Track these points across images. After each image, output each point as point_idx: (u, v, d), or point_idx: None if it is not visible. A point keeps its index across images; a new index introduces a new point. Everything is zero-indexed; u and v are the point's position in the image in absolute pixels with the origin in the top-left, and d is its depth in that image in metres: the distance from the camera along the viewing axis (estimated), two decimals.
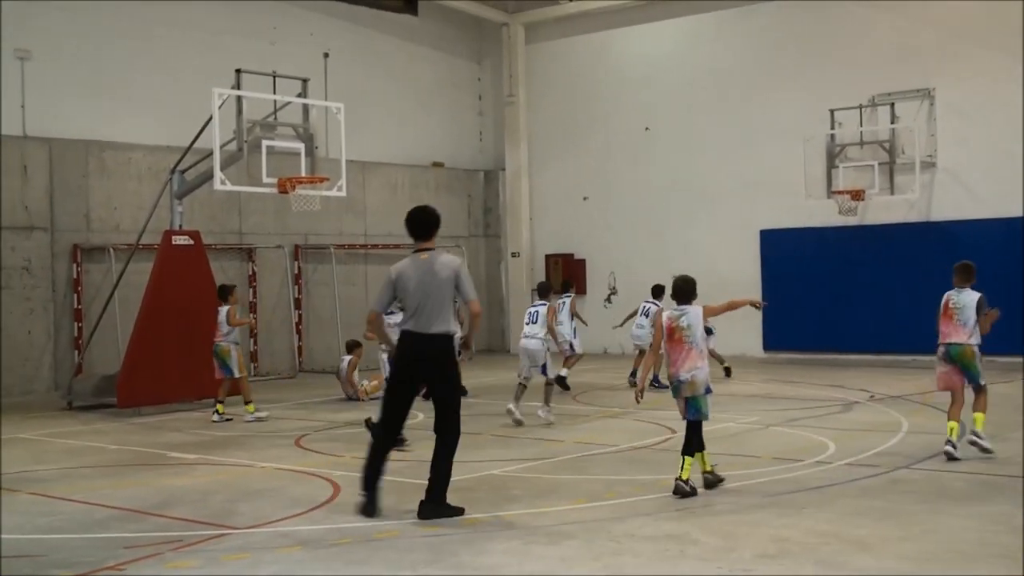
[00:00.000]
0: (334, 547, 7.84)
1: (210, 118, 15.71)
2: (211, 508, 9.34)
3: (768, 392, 17.15)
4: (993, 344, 20.32)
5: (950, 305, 11.32)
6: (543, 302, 14.89)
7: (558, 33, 26.74)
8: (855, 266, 22.07)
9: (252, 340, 21.85)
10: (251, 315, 16.40)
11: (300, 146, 16.60)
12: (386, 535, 8.14)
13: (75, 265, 19.45)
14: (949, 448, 10.62)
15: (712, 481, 9.38)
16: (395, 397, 8.87)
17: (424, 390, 9.14)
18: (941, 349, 11.15)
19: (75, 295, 19.38)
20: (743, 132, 23.64)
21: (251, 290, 21.99)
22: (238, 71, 16.14)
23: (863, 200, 21.18)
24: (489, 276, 27.44)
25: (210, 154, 15.85)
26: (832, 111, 21.86)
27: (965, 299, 11.31)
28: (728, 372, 18.91)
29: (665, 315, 9.54)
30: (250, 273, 22.08)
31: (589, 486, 9.86)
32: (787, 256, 22.82)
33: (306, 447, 12.73)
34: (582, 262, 26.16)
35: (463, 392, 15.77)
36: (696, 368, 9.24)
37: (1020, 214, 20.41)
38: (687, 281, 9.59)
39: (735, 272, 22.97)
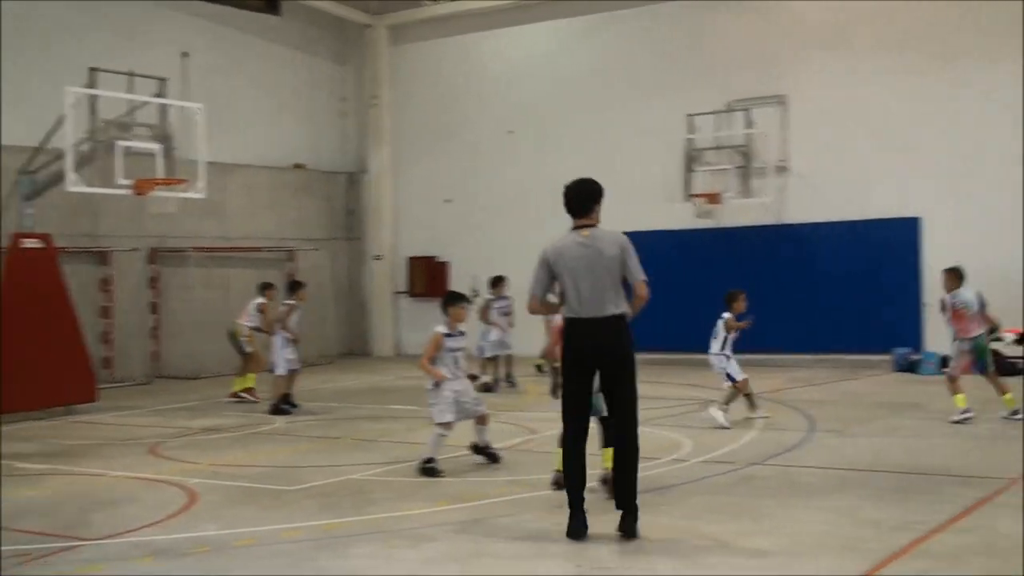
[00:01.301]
0: (191, 556, 7.69)
1: (63, 117, 15.27)
2: (62, 519, 9.04)
3: None
4: (843, 342, 21.22)
5: (958, 305, 13.17)
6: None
7: (423, 35, 26.72)
8: (712, 267, 22.56)
9: (106, 345, 21.29)
10: None
11: (157, 147, 16.27)
12: (245, 543, 8.01)
13: None
14: (968, 415, 12.86)
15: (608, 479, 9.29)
16: (575, 397, 7.85)
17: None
18: (968, 343, 13.28)
19: None
20: (605, 136, 23.98)
21: (106, 294, 21.42)
22: (92, 69, 15.73)
23: (720, 203, 21.68)
24: (351, 279, 27.25)
25: (63, 155, 15.40)
26: (690, 116, 22.34)
27: (968, 297, 13.27)
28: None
29: (557, 317, 9.26)
30: (105, 277, 21.49)
31: (451, 488, 9.86)
32: (647, 258, 22.92)
33: (162, 455, 12.44)
34: (445, 264, 26.18)
35: (287, 410, 15.49)
36: None
37: (865, 217, 21.18)
38: None
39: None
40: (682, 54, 23.28)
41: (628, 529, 7.60)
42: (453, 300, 10.77)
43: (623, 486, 7.75)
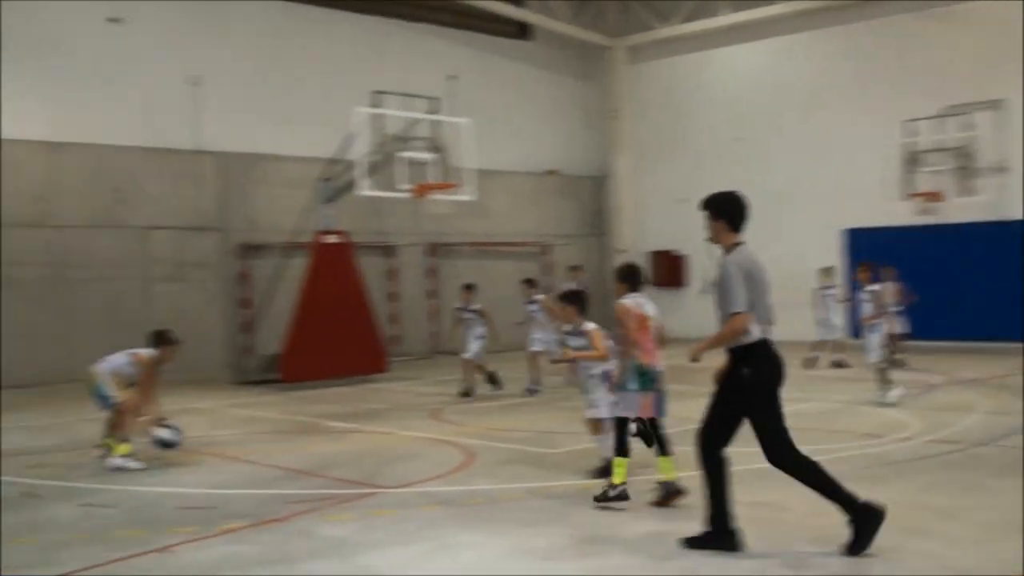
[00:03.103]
0: (468, 506, 7.90)
1: (354, 133, 15.95)
2: (362, 470, 9.48)
3: (855, 375, 16.72)
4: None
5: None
6: None
7: (657, 54, 26.49)
8: (933, 261, 21.39)
9: (393, 325, 22.17)
10: None
11: (432, 157, 16.74)
12: (514, 497, 8.16)
13: (242, 261, 19.95)
14: None
15: (674, 492, 7.57)
16: (782, 419, 6.44)
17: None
18: None
19: (242, 286, 19.89)
20: (827, 140, 23.17)
21: (391, 283, 22.29)
22: (377, 92, 16.34)
23: (941, 201, 20.58)
24: (599, 270, 27.33)
25: (354, 164, 16.10)
26: (909, 120, 21.25)
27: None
28: None
29: (631, 302, 8.03)
30: (390, 268, 22.37)
31: (692, 457, 9.72)
32: (868, 252, 22.13)
33: (442, 419, 12.85)
34: (683, 258, 25.94)
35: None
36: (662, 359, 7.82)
37: None
38: (641, 268, 8.47)
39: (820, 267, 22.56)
40: (897, 63, 22.14)
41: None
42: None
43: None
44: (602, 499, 7.59)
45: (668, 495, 7.61)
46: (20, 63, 17.75)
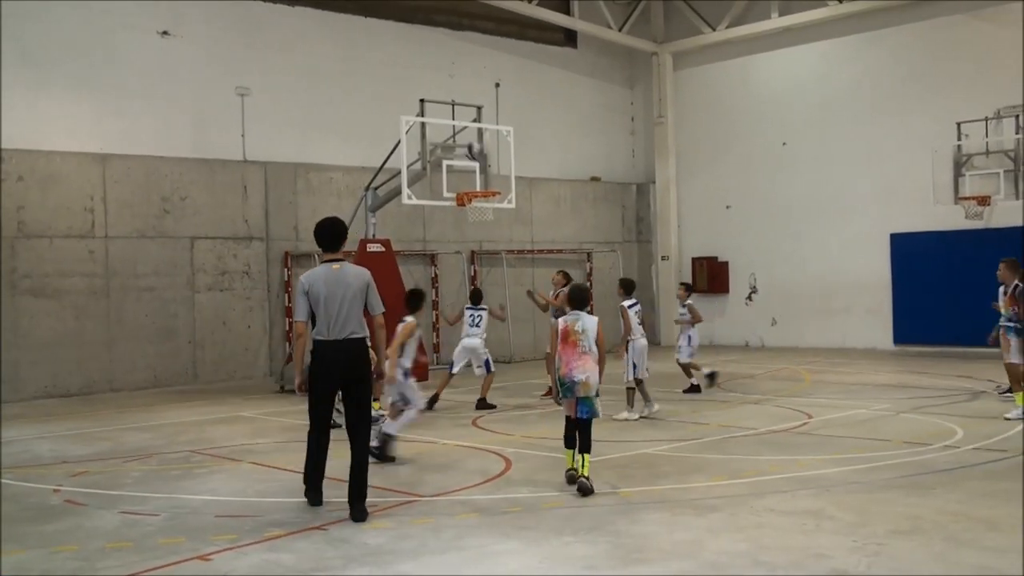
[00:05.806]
0: (506, 514, 7.90)
1: (399, 142, 16.04)
2: (401, 478, 9.52)
3: (899, 382, 16.53)
4: None
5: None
6: None
7: (702, 60, 26.36)
8: (980, 266, 21.00)
9: (435, 333, 22.24)
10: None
11: (475, 165, 16.75)
12: (552, 505, 8.16)
13: (286, 269, 20.12)
14: None
15: (585, 488, 8.45)
16: (322, 404, 8.24)
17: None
18: None
19: (286, 295, 20.03)
20: (874, 144, 22.88)
21: (433, 290, 22.38)
22: (422, 101, 16.41)
23: (989, 205, 20.22)
24: (641, 277, 27.20)
25: (398, 173, 16.17)
26: (959, 123, 20.94)
27: None
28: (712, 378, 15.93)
29: (561, 320, 8.91)
30: (432, 276, 22.47)
31: (732, 465, 9.69)
32: (916, 257, 21.95)
33: (482, 427, 12.87)
34: (725, 264, 25.75)
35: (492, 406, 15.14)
36: (589, 370, 8.63)
37: None
38: (584, 289, 9.29)
39: (866, 272, 22.34)
40: (948, 66, 21.79)
41: (360, 516, 7.86)
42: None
43: (360, 483, 8.01)
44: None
45: (571, 480, 8.68)
46: (71, 76, 18.09)
